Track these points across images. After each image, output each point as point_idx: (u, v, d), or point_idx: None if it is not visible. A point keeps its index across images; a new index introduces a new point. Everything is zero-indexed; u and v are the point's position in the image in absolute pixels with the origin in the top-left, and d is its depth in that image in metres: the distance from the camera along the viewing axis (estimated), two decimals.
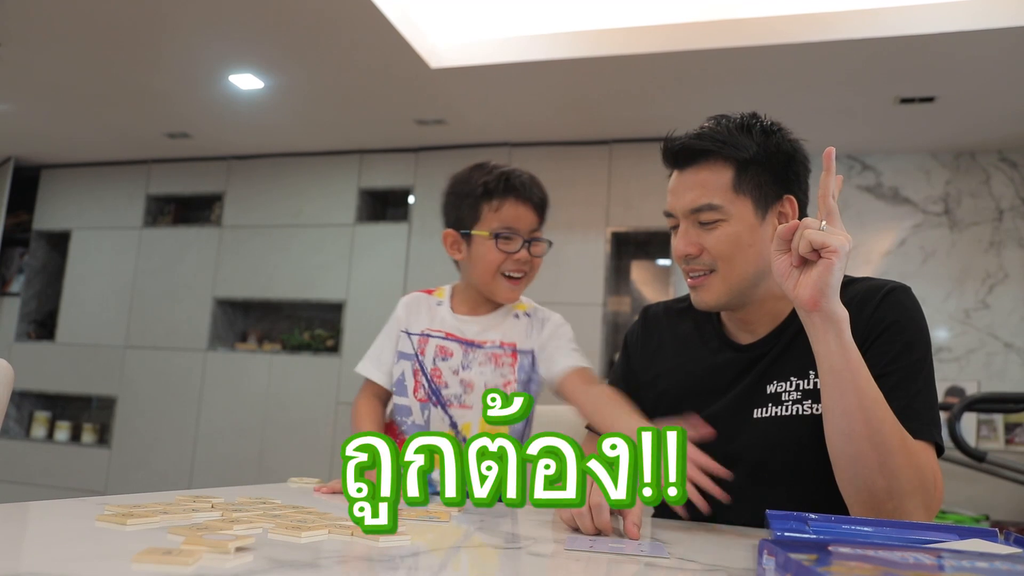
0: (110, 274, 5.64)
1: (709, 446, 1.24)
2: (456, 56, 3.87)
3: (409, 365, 1.51)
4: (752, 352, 1.27)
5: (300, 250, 5.21)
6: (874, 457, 1.01)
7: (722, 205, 1.21)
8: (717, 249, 1.21)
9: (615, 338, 4.81)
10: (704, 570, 0.78)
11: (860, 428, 1.01)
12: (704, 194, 1.22)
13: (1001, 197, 4.53)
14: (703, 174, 1.23)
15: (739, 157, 1.21)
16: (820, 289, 1.00)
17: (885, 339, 1.14)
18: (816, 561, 0.57)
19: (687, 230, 1.24)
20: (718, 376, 1.29)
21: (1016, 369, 4.35)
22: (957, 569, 0.61)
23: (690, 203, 1.23)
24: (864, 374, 1.03)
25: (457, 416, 1.45)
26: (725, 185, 1.22)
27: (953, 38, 3.29)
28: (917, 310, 1.18)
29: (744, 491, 1.19)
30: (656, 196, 4.60)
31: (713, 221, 1.21)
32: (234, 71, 4.12)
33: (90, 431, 5.55)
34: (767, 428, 1.21)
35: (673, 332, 1.40)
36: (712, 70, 3.77)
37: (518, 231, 1.46)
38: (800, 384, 1.20)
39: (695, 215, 1.23)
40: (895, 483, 1.01)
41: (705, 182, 1.23)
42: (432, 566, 0.75)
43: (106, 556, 0.66)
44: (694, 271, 1.25)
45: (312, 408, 4.87)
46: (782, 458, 1.19)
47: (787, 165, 1.24)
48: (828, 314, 1.01)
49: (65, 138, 5.37)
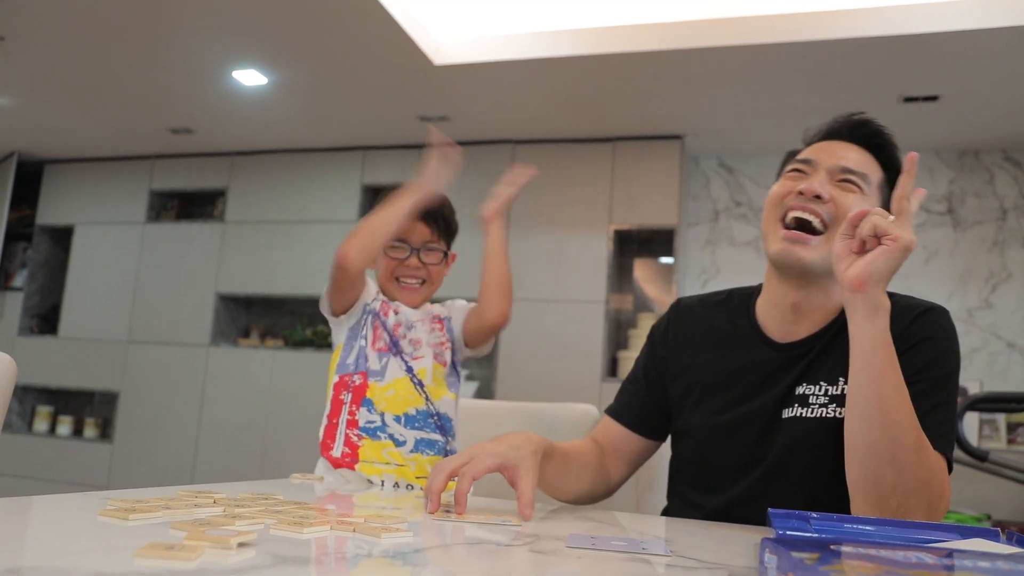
0: (113, 269, 5.64)
1: (736, 446, 1.23)
2: (460, 53, 3.87)
3: (371, 319, 1.64)
4: (790, 352, 1.25)
5: (303, 246, 5.21)
6: (887, 449, 1.01)
7: (871, 183, 1.24)
8: (845, 207, 1.18)
9: (617, 335, 4.81)
10: (706, 568, 0.78)
11: (878, 417, 1.02)
12: (862, 164, 1.24)
13: (1005, 196, 4.52)
14: (865, 155, 1.26)
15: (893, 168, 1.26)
16: (869, 272, 1.02)
17: (915, 352, 1.14)
18: (818, 560, 0.57)
19: (827, 181, 1.22)
20: (752, 373, 1.27)
21: (1019, 369, 4.35)
22: (959, 568, 0.61)
23: (847, 162, 1.23)
24: (892, 367, 1.03)
25: (413, 364, 1.61)
26: (875, 178, 1.25)
27: (957, 37, 3.28)
28: (952, 332, 1.19)
29: (763, 490, 1.19)
30: (659, 194, 4.60)
31: (856, 184, 1.22)
32: (238, 67, 4.12)
33: (92, 426, 5.56)
34: (792, 428, 1.20)
35: (707, 324, 1.37)
36: (716, 68, 3.77)
37: (408, 241, 1.63)
38: (829, 389, 1.20)
39: (843, 174, 1.22)
40: (903, 479, 1.01)
41: (865, 161, 1.25)
42: (434, 563, 0.75)
43: (108, 551, 0.66)
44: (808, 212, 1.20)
45: (315, 404, 4.86)
46: (802, 459, 1.19)
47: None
48: (871, 300, 1.03)
49: (69, 133, 5.38)
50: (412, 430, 1.55)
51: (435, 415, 1.58)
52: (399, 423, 1.54)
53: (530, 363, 4.60)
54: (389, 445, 1.54)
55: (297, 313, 5.54)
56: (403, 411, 1.55)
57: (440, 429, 1.58)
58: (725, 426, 1.26)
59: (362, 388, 1.57)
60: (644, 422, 1.40)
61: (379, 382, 1.57)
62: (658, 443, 1.43)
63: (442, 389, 1.62)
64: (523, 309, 4.62)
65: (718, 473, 1.27)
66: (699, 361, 1.34)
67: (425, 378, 1.59)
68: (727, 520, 1.19)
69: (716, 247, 4.95)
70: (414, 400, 1.57)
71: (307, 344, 5.20)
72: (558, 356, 4.58)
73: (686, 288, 4.90)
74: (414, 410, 1.56)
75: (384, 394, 1.56)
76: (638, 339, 4.59)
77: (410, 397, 1.57)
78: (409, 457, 1.54)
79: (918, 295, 1.23)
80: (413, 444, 1.54)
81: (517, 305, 4.89)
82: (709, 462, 1.28)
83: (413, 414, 1.56)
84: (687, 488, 1.32)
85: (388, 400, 1.56)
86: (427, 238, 1.63)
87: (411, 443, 1.54)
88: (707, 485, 1.28)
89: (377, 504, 1.18)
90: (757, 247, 4.87)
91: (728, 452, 1.25)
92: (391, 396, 1.56)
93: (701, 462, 1.30)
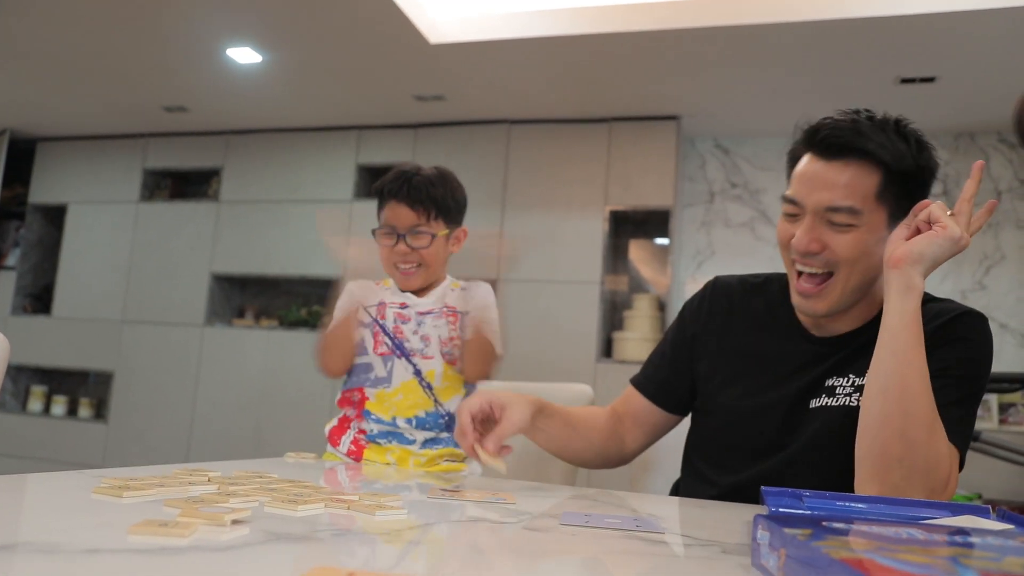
0: (106, 248, 5.62)
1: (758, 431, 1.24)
2: (456, 31, 3.84)
3: (368, 330, 1.62)
4: (825, 346, 1.24)
5: (298, 226, 5.19)
6: (899, 422, 1.02)
7: (862, 211, 1.13)
8: (843, 253, 1.14)
9: (612, 316, 4.81)
10: (699, 545, 0.79)
11: (895, 391, 1.03)
12: (847, 195, 1.13)
13: (1000, 179, 4.52)
14: (850, 173, 1.14)
15: (894, 165, 1.14)
16: (911, 251, 1.05)
17: (948, 349, 1.13)
18: (810, 536, 0.57)
19: (814, 226, 1.15)
20: (785, 363, 1.26)
21: (1011, 350, 4.37)
22: (950, 544, 0.61)
23: (827, 201, 1.14)
24: (917, 348, 1.05)
25: (421, 365, 1.59)
26: (870, 191, 1.14)
27: (954, 18, 3.27)
28: (988, 338, 1.18)
29: (779, 475, 1.20)
30: (655, 175, 4.59)
31: (847, 224, 1.14)
32: (232, 45, 4.08)
33: (87, 406, 5.56)
34: (816, 417, 1.20)
35: (745, 306, 1.36)
36: (712, 49, 3.75)
37: (395, 228, 1.59)
38: (856, 381, 1.19)
39: (829, 214, 1.14)
40: (909, 455, 1.02)
41: (851, 183, 1.13)
42: (428, 540, 0.75)
43: (102, 527, 0.66)
44: (809, 266, 1.17)
45: (309, 384, 4.88)
46: (823, 447, 1.19)
47: (928, 182, 1.20)
48: (905, 277, 1.05)
49: (62, 110, 5.33)
50: (422, 431, 1.56)
51: (445, 416, 1.58)
52: (410, 424, 1.55)
53: (525, 344, 4.61)
54: (393, 448, 1.56)
55: (292, 293, 5.54)
56: (413, 414, 1.56)
57: (449, 428, 1.59)
58: (749, 411, 1.26)
59: (361, 403, 1.59)
60: (667, 395, 1.40)
61: (387, 388, 1.57)
62: (679, 417, 1.43)
63: (453, 389, 1.61)
64: (518, 290, 4.62)
65: (736, 455, 1.27)
66: (731, 343, 1.34)
67: (434, 380, 1.58)
68: (741, 499, 1.19)
69: (711, 228, 4.95)
70: (423, 403, 1.57)
71: (302, 324, 5.20)
72: (553, 337, 4.58)
73: (681, 269, 4.90)
74: (423, 412, 1.56)
75: (393, 399, 1.57)
76: (633, 320, 4.60)
77: (419, 400, 1.57)
78: (419, 452, 1.56)
79: None
80: (422, 442, 1.56)
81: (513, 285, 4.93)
82: (729, 443, 1.29)
83: (423, 416, 1.56)
84: (703, 464, 1.33)
85: (398, 405, 1.56)
86: (413, 222, 1.58)
87: (420, 441, 1.56)
88: (723, 465, 1.28)
89: (376, 484, 1.18)
90: (752, 228, 4.87)
91: (749, 436, 1.25)
92: (400, 401, 1.56)
93: (720, 442, 1.31)
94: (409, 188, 1.57)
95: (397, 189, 1.58)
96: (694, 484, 1.32)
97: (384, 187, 1.60)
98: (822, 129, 1.17)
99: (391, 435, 1.56)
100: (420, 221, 1.59)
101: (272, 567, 0.58)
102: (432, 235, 1.60)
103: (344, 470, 1.35)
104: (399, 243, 1.58)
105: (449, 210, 1.63)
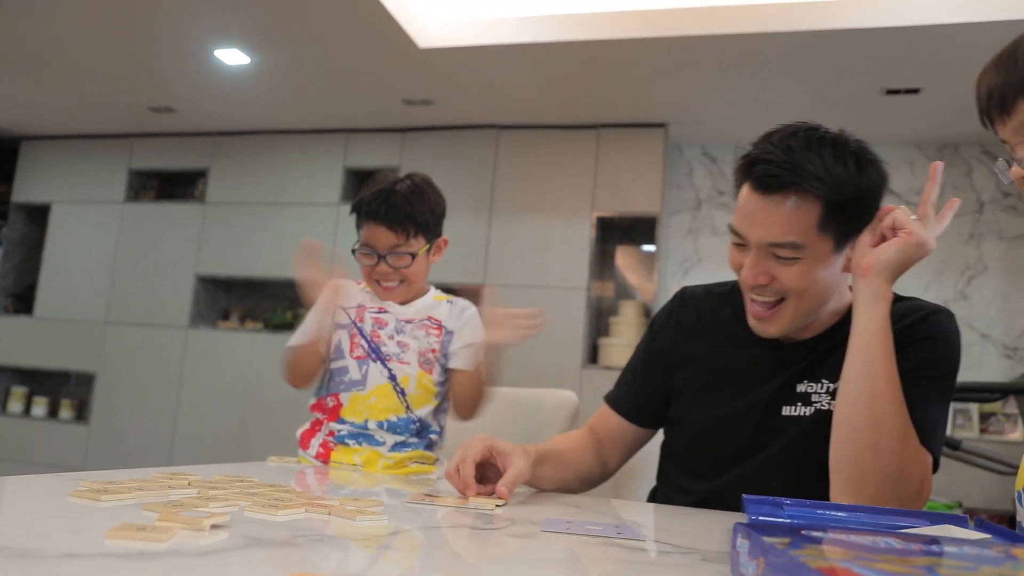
0: (90, 249, 5.58)
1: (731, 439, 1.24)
2: (445, 36, 3.84)
3: (345, 332, 1.61)
4: (792, 352, 1.25)
5: (284, 228, 5.17)
6: (869, 433, 1.03)
7: (804, 245, 1.12)
8: (790, 284, 1.15)
9: (599, 322, 4.82)
10: (679, 552, 0.79)
11: (865, 400, 1.04)
12: (787, 232, 1.12)
13: (982, 190, 4.56)
14: (788, 208, 1.11)
15: (832, 197, 1.10)
16: (877, 259, 1.06)
17: (917, 348, 1.14)
18: (789, 544, 0.57)
19: (760, 260, 1.16)
20: (753, 370, 1.27)
21: (992, 360, 4.41)
22: (926, 553, 0.61)
23: (767, 237, 1.13)
24: (886, 357, 1.05)
25: (396, 370, 1.57)
26: (811, 223, 1.11)
27: (939, 30, 3.30)
28: (956, 336, 1.18)
29: (755, 480, 1.20)
30: (642, 182, 4.60)
31: (791, 258, 1.13)
32: (220, 46, 4.07)
33: (68, 407, 5.51)
34: (791, 425, 1.21)
35: (713, 315, 1.36)
36: (699, 57, 3.77)
37: (375, 248, 1.57)
38: (830, 386, 1.20)
39: (772, 248, 1.14)
40: (881, 464, 1.02)
41: (790, 218, 1.11)
42: (409, 546, 0.75)
43: (79, 531, 0.65)
44: (760, 295, 1.19)
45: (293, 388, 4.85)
46: (798, 451, 1.19)
47: (876, 199, 1.15)
48: (873, 287, 1.07)
49: (46, 109, 5.30)
50: (393, 434, 1.55)
51: (416, 421, 1.57)
52: (382, 428, 1.55)
53: (511, 349, 4.60)
54: (362, 449, 1.55)
55: (277, 296, 5.51)
56: (385, 417, 1.55)
57: (419, 434, 1.58)
58: (720, 419, 1.27)
59: (336, 408, 1.58)
60: (641, 412, 1.40)
61: (361, 391, 1.56)
62: (655, 431, 1.44)
63: (426, 398, 1.60)
64: (505, 295, 4.61)
65: (710, 463, 1.27)
66: (701, 353, 1.34)
67: (408, 387, 1.57)
68: (717, 507, 1.19)
69: (698, 235, 4.97)
70: (395, 408, 1.56)
71: (287, 327, 5.17)
72: (539, 342, 4.58)
73: (667, 276, 4.92)
74: (395, 417, 1.56)
75: (367, 402, 1.56)
76: (619, 326, 4.61)
77: (392, 404, 1.56)
78: (388, 455, 1.55)
79: (895, 287, 1.23)
80: (392, 445, 1.56)
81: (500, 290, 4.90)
82: (702, 453, 1.29)
83: (395, 420, 1.56)
84: (678, 474, 1.33)
85: (371, 408, 1.56)
86: (392, 242, 1.56)
87: (390, 444, 1.55)
88: (698, 472, 1.29)
89: (353, 489, 1.18)
90: None
91: (721, 444, 1.26)
92: (374, 404, 1.56)
93: (694, 452, 1.31)
94: (387, 208, 1.55)
95: (375, 211, 1.55)
96: (670, 493, 1.33)
97: (362, 207, 1.58)
98: (757, 163, 1.13)
99: (361, 436, 1.55)
100: (399, 241, 1.56)
101: (251, 572, 0.58)
102: (412, 254, 1.58)
103: (312, 473, 1.35)
104: (380, 264, 1.57)
105: (428, 225, 1.61)
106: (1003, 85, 0.88)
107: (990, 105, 0.90)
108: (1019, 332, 4.42)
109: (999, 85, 0.88)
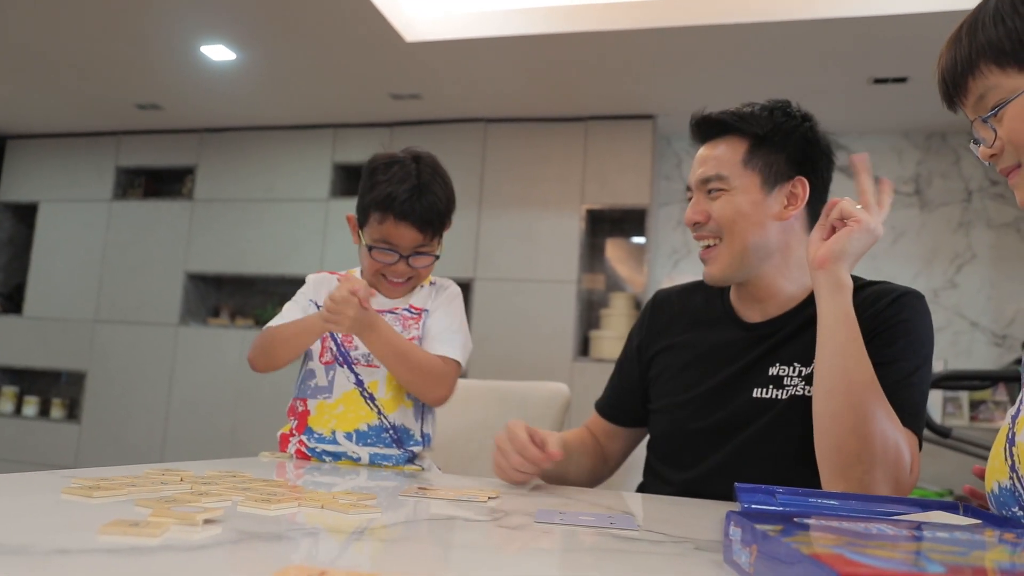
0: (79, 247, 5.55)
1: (704, 420, 1.26)
2: (432, 30, 3.83)
3: None
4: (757, 331, 1.29)
5: (273, 224, 5.16)
6: (850, 419, 1.04)
7: (728, 176, 1.28)
8: (720, 216, 1.28)
9: (589, 315, 4.83)
10: (672, 541, 0.79)
11: (842, 387, 1.05)
12: (715, 166, 1.29)
13: (970, 178, 4.59)
14: (720, 148, 1.31)
15: (753, 132, 1.28)
16: (832, 251, 1.08)
17: (890, 333, 1.16)
18: (781, 532, 0.58)
19: (698, 199, 1.32)
20: (721, 352, 1.31)
21: (982, 347, 4.43)
22: (918, 539, 0.62)
23: (701, 174, 1.31)
24: (855, 342, 1.07)
25: (364, 375, 1.45)
26: (736, 159, 1.28)
27: (926, 19, 3.31)
28: (927, 316, 1.20)
29: (732, 467, 1.21)
30: (631, 174, 4.60)
31: (719, 190, 1.29)
32: (206, 42, 4.05)
33: (59, 406, 5.49)
34: (764, 408, 1.22)
35: (683, 307, 1.44)
36: (687, 48, 3.77)
37: (396, 247, 1.46)
38: (802, 370, 1.22)
39: (704, 185, 1.30)
40: (866, 448, 1.03)
41: (719, 156, 1.30)
42: (402, 538, 0.75)
43: (71, 528, 0.65)
44: (703, 239, 1.32)
45: (285, 383, 4.84)
46: (773, 437, 1.21)
47: (803, 149, 1.29)
48: (833, 277, 1.08)
49: (33, 107, 5.26)
50: (365, 446, 1.42)
51: (390, 428, 1.44)
52: (351, 440, 1.42)
53: (502, 342, 4.61)
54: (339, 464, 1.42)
55: (268, 292, 5.50)
56: (354, 427, 1.42)
57: (397, 444, 1.44)
58: (693, 401, 1.30)
59: (304, 415, 1.46)
60: (624, 414, 1.46)
61: (328, 399, 1.44)
62: (642, 428, 1.47)
63: (399, 398, 1.46)
64: (495, 289, 4.63)
65: (687, 449, 1.29)
66: (674, 342, 1.40)
67: (377, 391, 1.45)
68: (697, 495, 1.20)
69: (687, 227, 4.97)
70: (365, 415, 1.43)
71: None
72: (530, 336, 4.59)
73: (657, 268, 4.93)
74: (366, 426, 1.43)
75: (334, 411, 1.43)
76: (610, 319, 4.61)
77: (360, 412, 1.43)
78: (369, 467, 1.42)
79: (884, 275, 1.25)
80: (368, 459, 1.43)
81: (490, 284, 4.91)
82: (678, 437, 1.32)
83: (365, 430, 1.43)
84: (659, 464, 1.36)
85: (338, 417, 1.43)
86: (418, 243, 1.45)
87: (366, 458, 1.43)
88: (678, 461, 1.31)
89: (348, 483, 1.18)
90: None
91: (696, 426, 1.28)
92: (341, 413, 1.43)
93: (671, 438, 1.34)
94: (422, 209, 1.43)
95: (408, 210, 1.42)
96: (653, 483, 1.36)
97: (394, 205, 1.43)
98: (694, 118, 1.36)
99: (335, 455, 1.43)
100: (425, 241, 1.47)
101: (244, 566, 0.58)
102: (436, 256, 1.50)
103: (306, 467, 1.33)
104: (399, 263, 1.46)
105: (448, 224, 1.52)
106: (954, 65, 0.90)
107: (948, 88, 0.91)
108: (1008, 319, 4.45)
109: (951, 66, 0.89)
